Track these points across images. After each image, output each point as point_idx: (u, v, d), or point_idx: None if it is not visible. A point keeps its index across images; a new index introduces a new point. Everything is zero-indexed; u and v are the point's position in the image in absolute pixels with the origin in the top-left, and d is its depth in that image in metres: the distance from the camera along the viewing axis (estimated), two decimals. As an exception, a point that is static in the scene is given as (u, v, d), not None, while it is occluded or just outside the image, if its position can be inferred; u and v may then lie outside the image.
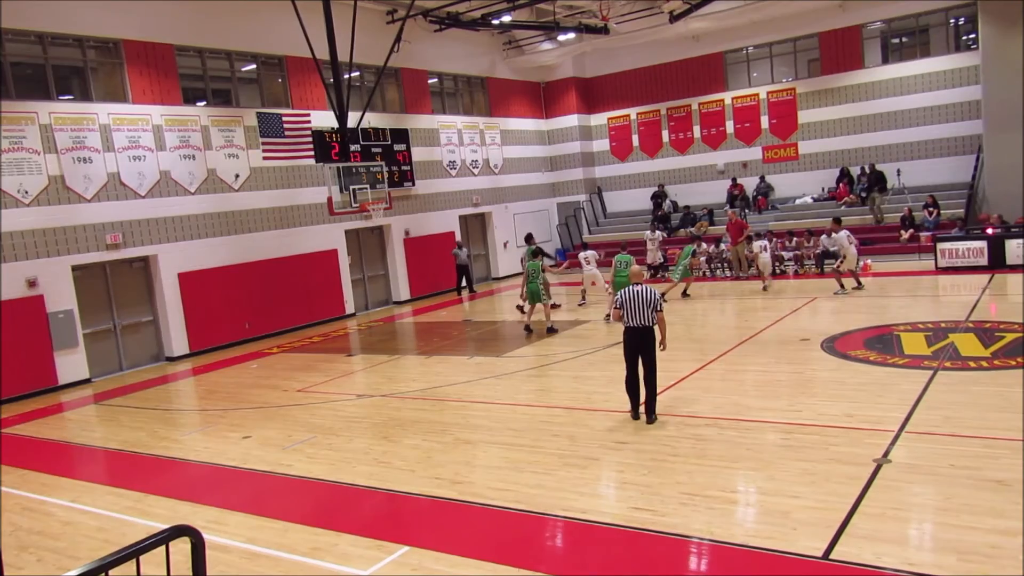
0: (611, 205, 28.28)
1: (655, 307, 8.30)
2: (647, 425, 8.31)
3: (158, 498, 7.82)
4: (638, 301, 8.29)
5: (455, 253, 22.19)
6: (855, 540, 5.34)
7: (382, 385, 12.02)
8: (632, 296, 8.33)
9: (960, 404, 8.13)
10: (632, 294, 8.34)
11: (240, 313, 17.40)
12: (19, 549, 6.81)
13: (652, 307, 8.29)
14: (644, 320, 8.29)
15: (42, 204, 14.24)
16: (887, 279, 17.62)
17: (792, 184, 24.38)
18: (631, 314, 8.32)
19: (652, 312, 8.29)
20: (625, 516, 6.16)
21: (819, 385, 9.58)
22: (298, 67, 18.82)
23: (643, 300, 8.28)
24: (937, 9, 21.80)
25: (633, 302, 8.30)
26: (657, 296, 8.37)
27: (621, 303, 8.40)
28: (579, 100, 27.70)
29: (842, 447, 7.15)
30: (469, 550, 5.85)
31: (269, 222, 18.26)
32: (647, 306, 8.27)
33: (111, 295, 15.65)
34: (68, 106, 14.81)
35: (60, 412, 12.67)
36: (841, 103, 23.33)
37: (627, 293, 8.38)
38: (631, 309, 8.30)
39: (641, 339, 8.34)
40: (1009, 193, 19.17)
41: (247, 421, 10.56)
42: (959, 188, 21.29)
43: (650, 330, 8.34)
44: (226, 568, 5.95)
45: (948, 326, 11.92)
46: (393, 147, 21.17)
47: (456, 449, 8.37)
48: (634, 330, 8.36)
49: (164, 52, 16.27)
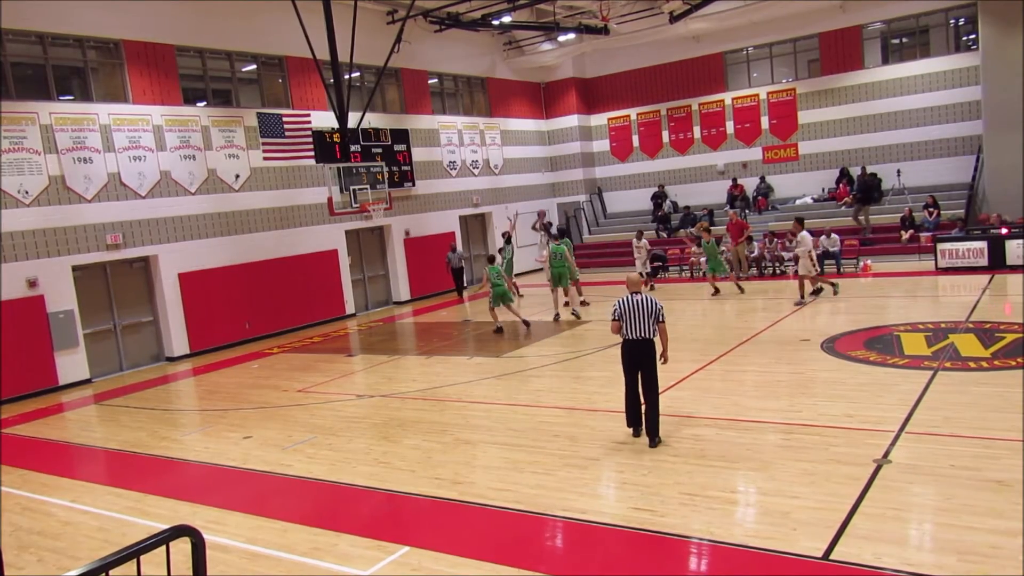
0: (611, 205, 28.28)
1: (657, 317, 7.70)
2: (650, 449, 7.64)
3: (158, 498, 7.82)
4: (639, 311, 7.68)
5: (448, 257, 21.79)
6: (855, 540, 5.34)
7: (382, 385, 12.02)
8: (632, 306, 7.71)
9: (960, 404, 8.13)
10: (632, 304, 7.72)
11: (240, 313, 17.40)
12: (19, 549, 6.82)
13: (654, 318, 7.69)
14: (645, 332, 7.69)
15: (42, 204, 14.25)
16: (887, 279, 17.62)
17: (792, 184, 24.37)
18: (630, 326, 7.71)
19: (654, 323, 7.70)
20: (625, 516, 6.16)
21: (819, 385, 9.57)
22: (298, 67, 18.83)
23: (644, 310, 7.67)
24: (937, 9, 21.79)
25: (633, 312, 7.69)
26: (659, 306, 7.75)
27: (619, 314, 7.77)
28: (579, 100, 27.71)
29: (842, 447, 7.15)
30: (469, 550, 5.85)
31: (269, 222, 18.26)
32: (648, 316, 7.68)
33: (111, 295, 15.65)
34: (68, 106, 14.82)
35: (60, 412, 12.68)
36: (841, 103, 23.33)
37: (626, 303, 7.76)
38: (631, 320, 7.71)
39: (642, 352, 7.74)
40: (1009, 193, 19.17)
41: (247, 421, 10.57)
42: (959, 188, 21.29)
43: (651, 343, 7.74)
44: (226, 568, 5.96)
45: (948, 327, 11.93)
46: (393, 147, 21.18)
47: (456, 449, 8.37)
48: (634, 343, 7.75)
49: (164, 52, 16.27)
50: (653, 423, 7.75)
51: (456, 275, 21.85)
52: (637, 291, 7.92)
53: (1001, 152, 19.61)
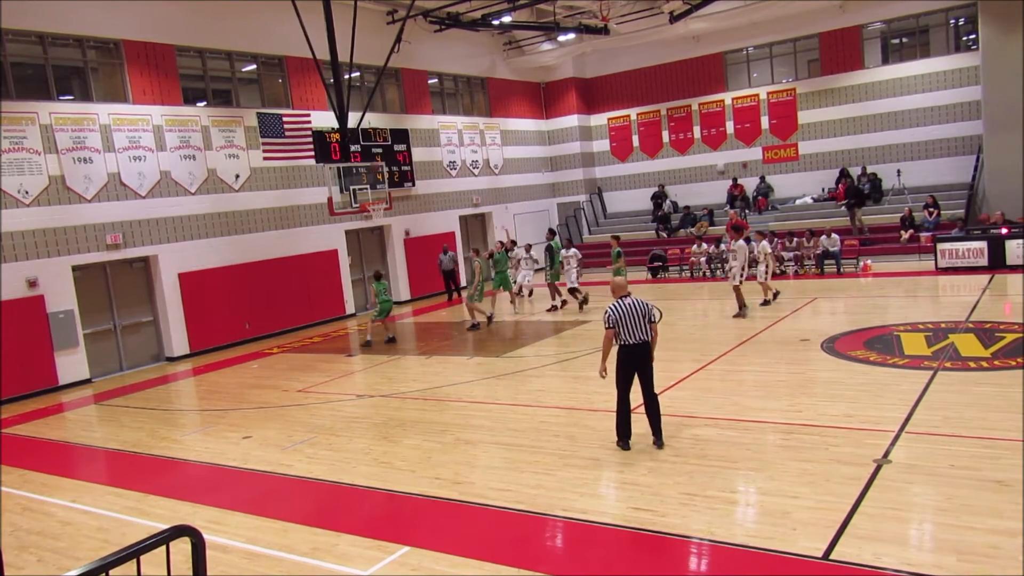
0: (611, 205, 28.28)
1: (650, 318, 7.56)
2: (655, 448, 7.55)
3: (158, 498, 7.82)
4: (633, 314, 7.46)
5: (440, 259, 21.52)
6: (855, 540, 5.34)
7: (382, 385, 12.02)
8: (625, 310, 7.47)
9: (960, 404, 8.13)
10: (624, 308, 7.48)
11: (240, 313, 17.40)
12: (19, 549, 6.81)
13: (647, 319, 7.52)
14: (642, 334, 7.49)
15: (42, 204, 14.25)
16: (887, 279, 17.62)
17: (792, 184, 24.38)
18: (628, 331, 7.45)
19: (648, 324, 7.53)
20: (625, 516, 6.16)
21: (819, 385, 9.57)
22: (298, 67, 18.83)
23: (638, 313, 7.48)
24: (937, 9, 21.80)
25: (628, 317, 7.44)
26: (650, 306, 7.62)
27: (614, 321, 7.46)
28: (579, 100, 27.71)
29: (842, 447, 7.15)
30: (469, 550, 5.85)
31: (269, 222, 18.27)
32: (642, 318, 7.48)
33: (111, 295, 15.65)
34: (68, 106, 14.81)
35: (60, 412, 12.67)
36: (841, 103, 23.33)
37: (619, 308, 7.48)
38: (628, 325, 7.44)
39: (641, 356, 7.54)
40: (1009, 193, 19.17)
41: (247, 421, 10.57)
42: (959, 188, 21.30)
43: (648, 345, 7.57)
44: (226, 568, 5.96)
45: (948, 326, 11.93)
46: (393, 147, 21.18)
47: (456, 449, 8.37)
48: (633, 348, 7.50)
49: (164, 52, 16.27)
50: (659, 423, 7.72)
51: (447, 277, 21.61)
52: (626, 294, 7.70)
53: (1001, 152, 19.61)
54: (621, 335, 7.53)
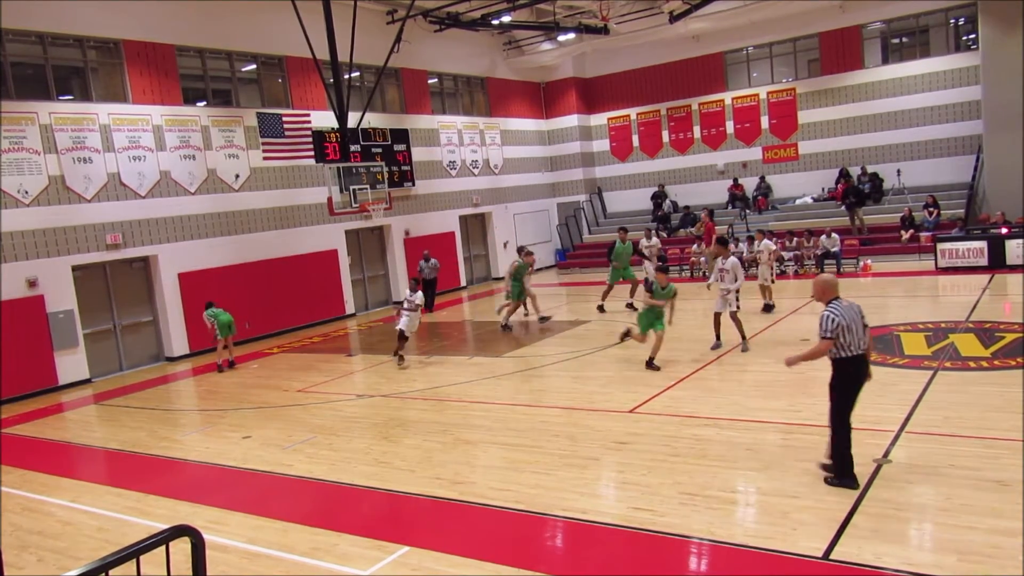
0: (611, 205, 28.27)
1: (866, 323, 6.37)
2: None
3: (158, 498, 7.82)
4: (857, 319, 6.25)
5: (420, 266, 19.49)
6: (855, 540, 5.34)
7: (382, 385, 12.02)
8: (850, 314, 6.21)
9: (960, 404, 8.13)
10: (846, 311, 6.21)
11: (240, 313, 17.31)
12: (19, 549, 6.81)
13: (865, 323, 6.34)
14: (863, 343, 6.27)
15: (42, 204, 14.24)
16: (887, 279, 17.62)
17: (792, 184, 24.37)
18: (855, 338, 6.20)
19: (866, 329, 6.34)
20: (625, 516, 6.16)
21: (819, 385, 9.48)
22: (298, 67, 18.82)
23: (858, 315, 6.28)
24: (937, 9, 21.79)
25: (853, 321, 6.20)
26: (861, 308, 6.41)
27: (839, 325, 6.11)
28: (579, 100, 27.70)
29: (842, 447, 7.14)
30: (469, 550, 5.85)
31: (269, 222, 18.26)
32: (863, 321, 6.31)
33: (111, 295, 15.65)
34: (68, 106, 14.81)
35: (60, 412, 12.67)
36: (841, 103, 23.32)
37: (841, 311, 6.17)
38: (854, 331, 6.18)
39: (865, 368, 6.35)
40: (1009, 193, 19.16)
41: (247, 421, 10.57)
42: (959, 188, 21.29)
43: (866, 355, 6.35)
44: (226, 568, 5.96)
45: (948, 326, 11.92)
46: (393, 147, 21.17)
47: (456, 449, 8.37)
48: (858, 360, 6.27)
49: (164, 52, 16.27)
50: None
51: (427, 286, 18.24)
52: (838, 295, 6.36)
53: (1001, 152, 19.60)
54: (846, 345, 6.16)
